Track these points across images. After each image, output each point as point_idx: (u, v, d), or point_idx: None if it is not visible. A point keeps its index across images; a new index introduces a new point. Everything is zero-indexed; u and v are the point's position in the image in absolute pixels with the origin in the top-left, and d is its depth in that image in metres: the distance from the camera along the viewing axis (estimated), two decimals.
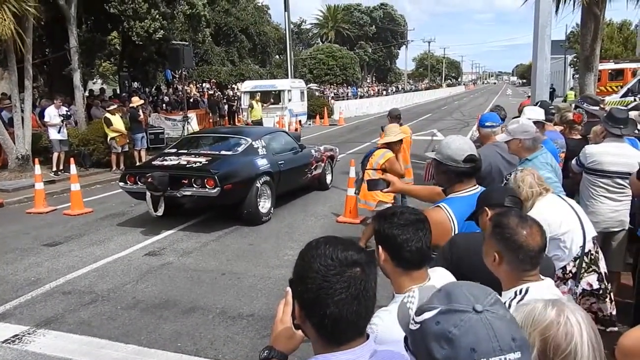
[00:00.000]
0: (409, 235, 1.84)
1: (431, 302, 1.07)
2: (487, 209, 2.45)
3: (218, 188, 7.77)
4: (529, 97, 12.85)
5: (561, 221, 3.20)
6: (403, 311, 1.23)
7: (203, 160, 8.51)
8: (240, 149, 8.93)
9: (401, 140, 6.30)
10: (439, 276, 1.97)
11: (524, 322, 1.34)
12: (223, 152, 8.94)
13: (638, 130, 5.09)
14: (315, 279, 1.27)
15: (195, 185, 7.93)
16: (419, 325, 1.05)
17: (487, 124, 4.56)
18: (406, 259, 1.86)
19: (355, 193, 7.46)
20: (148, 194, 7.97)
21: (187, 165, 8.37)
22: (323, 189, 11.08)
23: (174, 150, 9.36)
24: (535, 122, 4.53)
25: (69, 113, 13.92)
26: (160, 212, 8.01)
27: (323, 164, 11.00)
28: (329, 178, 11.35)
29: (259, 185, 8.55)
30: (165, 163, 8.60)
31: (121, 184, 8.71)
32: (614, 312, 3.41)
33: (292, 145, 10.31)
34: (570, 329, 1.29)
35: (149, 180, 7.80)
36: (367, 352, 1.30)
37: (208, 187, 7.83)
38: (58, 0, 14.26)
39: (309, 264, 1.30)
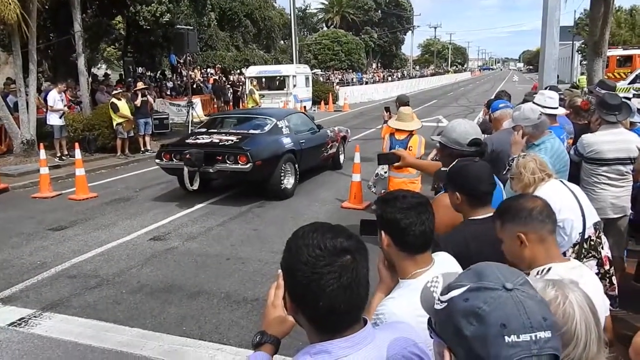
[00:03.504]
0: (412, 219, 1.81)
1: (459, 280, 1.05)
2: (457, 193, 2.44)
3: (250, 164, 8.35)
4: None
5: (561, 207, 3.18)
6: (426, 294, 1.19)
7: (234, 138, 9.13)
8: (267, 128, 9.55)
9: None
10: (443, 260, 1.95)
11: None
12: (252, 131, 9.52)
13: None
14: (304, 271, 1.21)
15: (228, 162, 8.54)
16: (445, 304, 1.03)
17: (500, 105, 4.55)
18: (410, 243, 1.84)
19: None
20: (185, 169, 8.56)
21: (220, 143, 8.96)
22: (337, 168, 11.62)
23: (204, 130, 10.01)
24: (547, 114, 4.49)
25: (78, 99, 13.93)
26: (195, 186, 8.64)
27: (337, 144, 11.63)
28: (341, 158, 11.93)
29: (284, 162, 9.14)
30: (199, 141, 9.15)
31: (157, 160, 9.29)
32: (612, 294, 3.41)
33: (311, 125, 10.99)
34: (569, 309, 1.28)
35: (187, 156, 8.42)
36: (364, 339, 1.27)
37: (241, 163, 8.44)
38: None
39: (296, 256, 1.24)
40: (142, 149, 14.31)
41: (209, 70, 32.24)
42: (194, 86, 23.00)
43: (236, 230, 7.55)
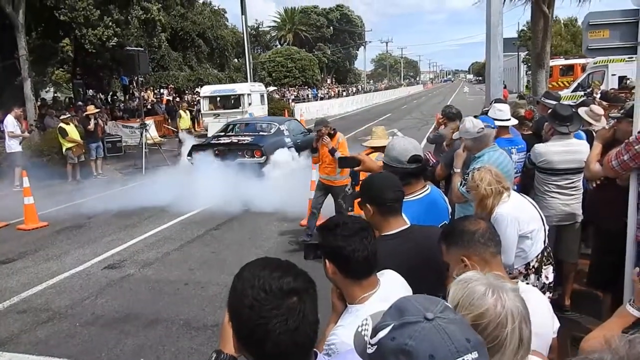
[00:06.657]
0: (354, 245, 1.83)
1: (384, 320, 1.06)
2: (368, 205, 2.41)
3: (264, 157, 11.00)
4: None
5: (529, 219, 3.27)
6: (359, 339, 1.19)
7: (249, 138, 12.06)
8: (273, 131, 12.54)
9: None
10: (389, 279, 1.97)
11: (461, 301, 1.34)
12: (261, 133, 12.55)
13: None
14: (249, 315, 1.18)
15: (247, 156, 11.22)
16: (375, 346, 1.04)
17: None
18: (354, 269, 1.85)
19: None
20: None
21: (239, 142, 11.75)
22: None
23: (222, 133, 13.11)
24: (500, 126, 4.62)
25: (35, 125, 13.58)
26: None
27: None
28: None
29: None
30: (222, 141, 12.05)
31: (188, 157, 11.85)
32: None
33: (303, 129, 13.87)
34: (503, 320, 1.31)
35: (216, 152, 11.37)
36: None
37: (256, 156, 11.11)
38: (5, 7, 13.78)
39: (240, 298, 1.20)
40: (95, 173, 13.93)
41: (162, 90, 31.84)
42: (148, 107, 22.63)
43: (194, 254, 7.41)
